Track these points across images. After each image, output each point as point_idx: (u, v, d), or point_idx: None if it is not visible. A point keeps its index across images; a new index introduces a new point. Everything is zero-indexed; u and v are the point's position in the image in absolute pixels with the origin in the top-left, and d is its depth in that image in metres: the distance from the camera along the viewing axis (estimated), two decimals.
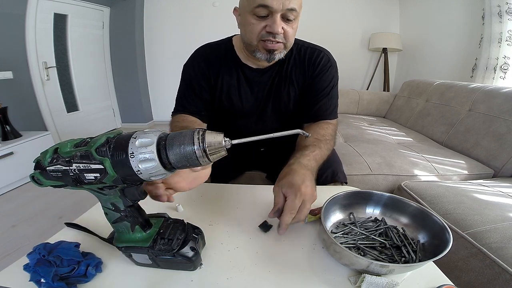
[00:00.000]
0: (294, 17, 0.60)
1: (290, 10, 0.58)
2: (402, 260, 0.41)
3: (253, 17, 0.60)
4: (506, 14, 1.64)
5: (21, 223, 1.48)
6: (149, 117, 3.59)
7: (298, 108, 0.78)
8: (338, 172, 0.74)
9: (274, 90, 0.76)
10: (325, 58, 0.74)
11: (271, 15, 0.58)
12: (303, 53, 0.74)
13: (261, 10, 0.58)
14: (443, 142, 1.47)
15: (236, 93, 0.76)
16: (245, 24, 0.63)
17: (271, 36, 0.60)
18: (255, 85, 0.75)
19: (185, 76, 0.76)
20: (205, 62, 0.74)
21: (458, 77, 2.04)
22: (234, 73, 0.74)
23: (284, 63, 0.73)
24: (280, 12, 0.57)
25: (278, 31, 0.59)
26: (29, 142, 1.93)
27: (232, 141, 0.30)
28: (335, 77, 0.76)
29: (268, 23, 0.59)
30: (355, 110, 2.28)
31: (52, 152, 0.31)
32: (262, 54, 0.64)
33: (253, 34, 0.62)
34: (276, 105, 0.78)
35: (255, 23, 0.60)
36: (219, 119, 0.83)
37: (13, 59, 2.19)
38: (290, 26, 0.62)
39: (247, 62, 0.73)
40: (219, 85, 0.75)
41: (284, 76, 0.74)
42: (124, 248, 0.38)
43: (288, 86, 0.75)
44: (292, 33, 0.63)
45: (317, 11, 2.93)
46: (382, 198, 0.50)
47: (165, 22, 3.18)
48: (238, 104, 0.77)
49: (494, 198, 0.86)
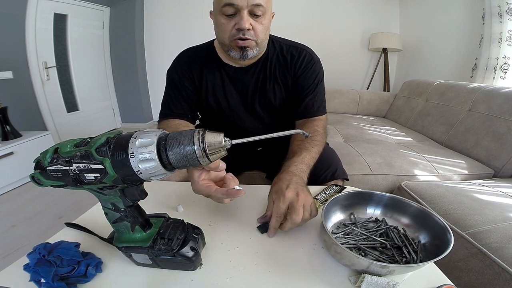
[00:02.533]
0: (261, 12, 0.61)
1: (256, 6, 0.59)
2: (403, 260, 0.41)
3: (223, 16, 0.62)
4: (506, 14, 1.63)
5: (21, 223, 1.48)
6: (149, 117, 3.59)
7: (286, 105, 0.80)
8: (337, 170, 0.74)
9: (259, 88, 0.77)
10: (308, 57, 0.75)
11: (239, 12, 0.60)
12: (286, 52, 0.75)
13: (228, 9, 0.60)
14: (443, 142, 1.47)
15: (221, 92, 0.77)
16: (217, 25, 0.66)
17: (241, 33, 0.62)
18: (239, 83, 0.77)
19: (169, 80, 0.78)
20: (187, 64, 0.75)
21: (458, 77, 2.04)
22: (218, 73, 0.76)
23: (267, 61, 0.75)
24: (246, 8, 0.59)
25: (245, 26, 0.60)
26: (29, 142, 1.93)
27: (232, 141, 0.30)
28: (320, 73, 0.77)
29: (236, 20, 0.61)
30: (355, 110, 2.28)
31: (52, 152, 0.31)
32: (236, 52, 0.66)
33: (225, 33, 0.64)
34: (263, 102, 0.79)
35: (225, 23, 0.63)
36: (212, 120, 0.84)
37: (13, 59, 2.19)
38: (259, 22, 0.63)
39: (229, 62, 0.75)
40: (204, 85, 0.76)
41: (269, 74, 0.75)
42: (124, 248, 0.38)
43: (273, 83, 0.76)
44: (262, 29, 0.64)
45: (317, 11, 2.94)
46: (383, 199, 0.50)
47: (165, 22, 3.18)
48: (224, 103, 0.78)
49: (494, 198, 0.86)
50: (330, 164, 0.74)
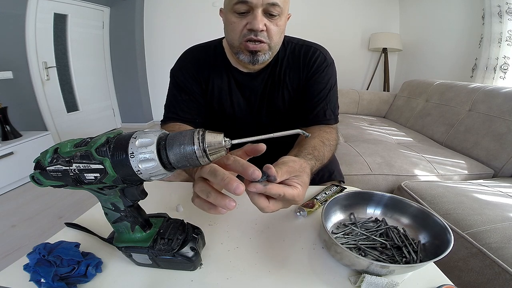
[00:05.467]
0: (278, 13, 0.56)
1: (272, 5, 0.54)
2: (403, 260, 0.41)
3: (234, 15, 0.57)
4: (506, 14, 1.64)
5: (21, 223, 1.48)
6: (149, 117, 3.59)
7: (295, 111, 0.73)
8: (334, 171, 0.74)
9: (267, 95, 0.72)
10: (321, 57, 0.68)
11: (252, 11, 0.55)
12: (298, 52, 0.69)
13: (241, 7, 0.54)
14: (443, 142, 1.47)
15: (227, 98, 0.72)
16: (227, 24, 0.60)
17: (253, 34, 0.56)
18: (247, 89, 0.71)
19: (175, 82, 0.71)
20: (194, 65, 0.69)
21: (458, 77, 2.04)
22: (225, 77, 0.70)
23: (276, 65, 0.69)
24: (261, 7, 0.54)
25: (259, 27, 0.55)
26: (29, 142, 1.93)
27: (232, 141, 0.30)
28: (332, 78, 0.70)
29: (249, 20, 0.55)
30: (355, 110, 2.28)
31: (52, 152, 0.31)
32: (245, 56, 0.60)
33: (235, 33, 0.58)
34: (271, 110, 0.73)
35: (236, 22, 0.57)
36: (212, 124, 0.78)
37: (13, 59, 2.19)
38: (274, 23, 0.57)
39: (237, 66, 0.69)
40: (210, 89, 0.71)
41: (277, 79, 0.70)
42: (124, 248, 0.38)
43: (282, 89, 0.70)
44: (277, 31, 0.58)
45: (317, 11, 2.94)
46: (383, 199, 0.50)
47: (165, 22, 3.19)
48: (229, 110, 0.73)
49: (494, 198, 0.86)
50: (327, 164, 0.72)
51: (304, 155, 0.50)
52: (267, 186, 0.33)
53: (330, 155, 0.61)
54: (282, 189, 0.34)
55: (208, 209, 0.34)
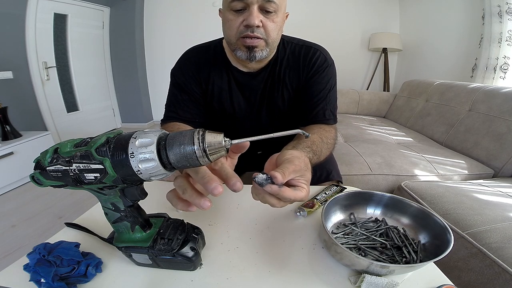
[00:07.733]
0: (274, 9, 0.57)
1: (268, 2, 0.55)
2: (403, 260, 0.41)
3: (231, 12, 0.58)
4: (506, 14, 1.64)
5: (21, 223, 1.48)
6: (149, 117, 3.59)
7: (294, 111, 0.74)
8: (332, 171, 0.73)
9: (267, 94, 0.72)
10: (321, 58, 0.69)
11: (248, 8, 0.56)
12: (298, 52, 0.70)
13: (237, 4, 0.56)
14: (443, 142, 1.47)
15: (227, 98, 0.73)
16: (225, 21, 0.61)
17: (249, 30, 0.57)
18: (247, 89, 0.72)
19: (176, 81, 0.72)
20: (195, 66, 0.70)
21: (458, 77, 2.04)
22: (225, 77, 0.71)
23: (276, 65, 0.70)
24: (257, 4, 0.55)
25: (255, 22, 0.56)
26: (29, 142, 1.93)
27: (232, 141, 0.30)
28: (333, 79, 0.71)
29: (245, 16, 0.57)
30: (355, 110, 2.28)
31: (52, 152, 0.31)
32: (242, 52, 0.61)
33: (232, 30, 0.59)
34: (270, 110, 0.74)
35: (233, 19, 0.58)
36: (211, 124, 0.79)
37: (13, 59, 2.19)
38: (271, 20, 0.58)
39: (237, 65, 0.70)
40: (210, 89, 0.72)
41: (277, 79, 0.70)
42: (124, 248, 0.38)
43: (282, 89, 0.71)
44: (274, 28, 0.59)
45: (317, 11, 2.94)
46: (383, 199, 0.50)
47: (165, 22, 3.19)
48: (229, 109, 0.74)
49: (494, 198, 0.86)
50: (325, 164, 0.72)
51: (303, 147, 0.50)
52: (281, 188, 0.35)
53: (328, 153, 0.61)
54: (294, 194, 0.36)
55: (175, 204, 0.34)
